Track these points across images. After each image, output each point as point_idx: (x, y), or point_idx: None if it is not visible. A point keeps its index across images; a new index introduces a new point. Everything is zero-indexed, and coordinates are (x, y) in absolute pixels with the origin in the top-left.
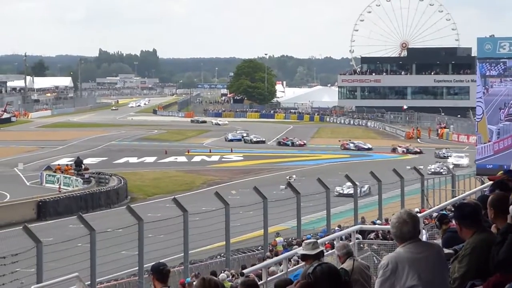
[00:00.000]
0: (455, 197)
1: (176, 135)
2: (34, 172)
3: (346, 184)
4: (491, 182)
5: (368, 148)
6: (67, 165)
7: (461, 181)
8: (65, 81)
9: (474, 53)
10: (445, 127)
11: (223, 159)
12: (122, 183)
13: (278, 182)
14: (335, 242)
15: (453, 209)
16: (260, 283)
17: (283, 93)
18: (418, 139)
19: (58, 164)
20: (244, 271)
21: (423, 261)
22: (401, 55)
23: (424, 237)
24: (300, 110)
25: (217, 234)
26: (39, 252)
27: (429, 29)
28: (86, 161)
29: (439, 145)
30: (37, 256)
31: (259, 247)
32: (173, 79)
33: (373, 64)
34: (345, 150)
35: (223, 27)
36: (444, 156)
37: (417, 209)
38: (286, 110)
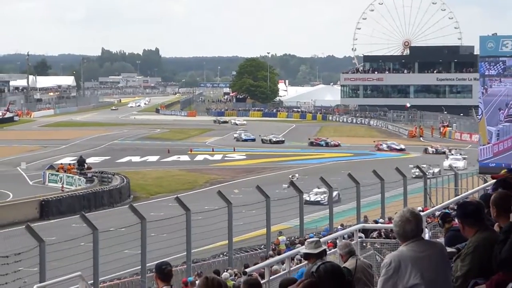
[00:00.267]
0: (458, 195)
1: (178, 134)
2: (37, 171)
3: (313, 190)
4: (494, 180)
5: (400, 149)
6: (70, 164)
7: (464, 179)
8: (68, 80)
9: (476, 51)
10: (447, 126)
11: (225, 158)
12: (124, 182)
13: (280, 181)
14: (337, 241)
15: (455, 208)
16: (263, 282)
17: (286, 92)
18: (421, 138)
19: (61, 163)
20: (247, 270)
21: (426, 259)
22: (403, 54)
23: (426, 236)
24: (303, 109)
25: (220, 233)
26: (42, 251)
27: (431, 27)
28: (89, 160)
29: (442, 143)
30: (40, 255)
31: (262, 246)
32: (176, 78)
33: (376, 63)
34: (379, 151)
35: (226, 26)
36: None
37: (419, 208)
38: (288, 109)
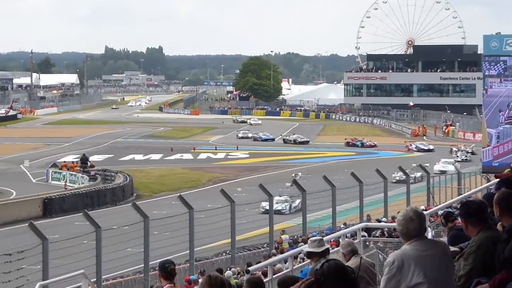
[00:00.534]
0: (461, 194)
1: (182, 132)
2: (40, 169)
3: (275, 198)
4: (497, 179)
5: (428, 150)
6: (73, 162)
7: (467, 178)
8: (71, 78)
9: (480, 50)
10: (451, 125)
11: (228, 157)
12: (128, 180)
13: (283, 180)
14: (340, 240)
15: (459, 207)
16: (265, 280)
17: (289, 90)
18: (424, 137)
19: (64, 161)
20: (250, 268)
21: (429, 258)
22: (407, 53)
23: (429, 235)
24: (306, 108)
25: (223, 232)
26: (45, 249)
27: (435, 26)
28: (92, 158)
29: (447, 142)
30: (43, 253)
31: (265, 245)
32: (179, 76)
33: (379, 62)
34: (409, 151)
35: (229, 25)
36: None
37: (422, 207)
38: (292, 108)
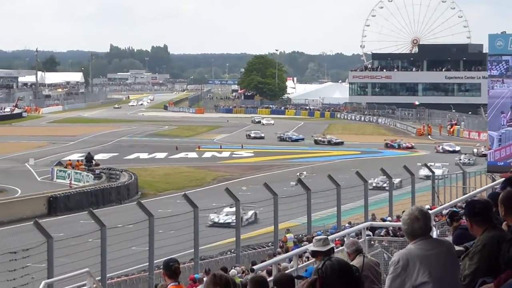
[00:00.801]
0: (466, 194)
1: (186, 131)
2: (45, 168)
3: (224, 210)
4: (503, 179)
5: (453, 151)
6: (78, 160)
7: (472, 178)
8: (76, 77)
9: (485, 49)
10: (456, 124)
11: (233, 155)
12: (132, 179)
13: (288, 179)
14: (345, 239)
15: (464, 206)
16: (270, 279)
17: (294, 89)
18: (429, 136)
19: (69, 160)
20: (255, 267)
21: (434, 258)
22: (412, 52)
23: (435, 234)
24: (311, 107)
25: (228, 230)
26: (49, 247)
27: (440, 25)
28: (97, 156)
29: (451, 141)
30: (48, 251)
31: (270, 243)
32: (184, 75)
33: (384, 60)
34: (438, 152)
35: (235, 23)
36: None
37: (427, 206)
38: (296, 106)
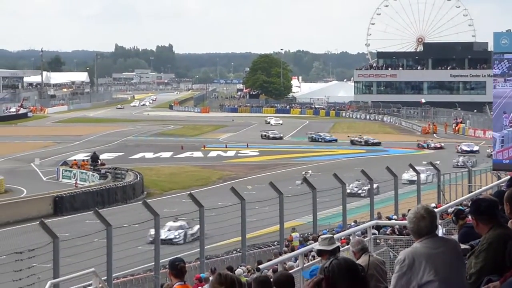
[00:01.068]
0: (472, 192)
1: (192, 130)
2: (51, 168)
3: (167, 224)
4: (508, 177)
5: (471, 151)
6: (83, 160)
7: (477, 176)
8: (82, 77)
9: (490, 47)
10: (461, 122)
11: (239, 154)
12: (138, 179)
13: (294, 177)
14: (351, 238)
15: (469, 205)
16: None
17: (299, 88)
18: (435, 134)
19: (75, 160)
20: (260, 266)
21: (440, 256)
22: (417, 50)
23: (440, 233)
24: (316, 105)
25: (233, 230)
26: (55, 247)
27: (445, 24)
28: (102, 156)
29: (456, 140)
30: (54, 251)
31: (275, 243)
32: (189, 74)
33: (389, 59)
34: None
35: (239, 22)
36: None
37: (433, 205)
38: (302, 105)
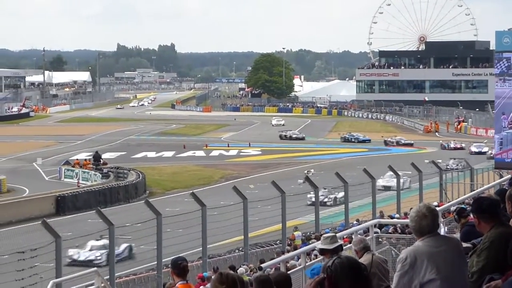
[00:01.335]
0: (474, 191)
1: (194, 129)
2: (53, 167)
3: (88, 243)
4: (510, 175)
5: (480, 152)
6: (85, 159)
7: (479, 174)
8: (84, 76)
9: (492, 46)
10: (463, 121)
11: (241, 154)
12: (140, 178)
13: (296, 176)
14: (353, 236)
15: (471, 203)
16: None
17: (301, 87)
18: (437, 133)
19: (77, 159)
20: (263, 265)
21: (442, 255)
22: (419, 49)
23: (442, 231)
24: (318, 104)
25: (235, 228)
26: (58, 246)
27: (447, 23)
28: (105, 155)
29: (457, 138)
30: (56, 250)
31: (277, 241)
32: (191, 74)
33: (391, 58)
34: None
35: (241, 22)
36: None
37: (435, 203)
38: (304, 104)
